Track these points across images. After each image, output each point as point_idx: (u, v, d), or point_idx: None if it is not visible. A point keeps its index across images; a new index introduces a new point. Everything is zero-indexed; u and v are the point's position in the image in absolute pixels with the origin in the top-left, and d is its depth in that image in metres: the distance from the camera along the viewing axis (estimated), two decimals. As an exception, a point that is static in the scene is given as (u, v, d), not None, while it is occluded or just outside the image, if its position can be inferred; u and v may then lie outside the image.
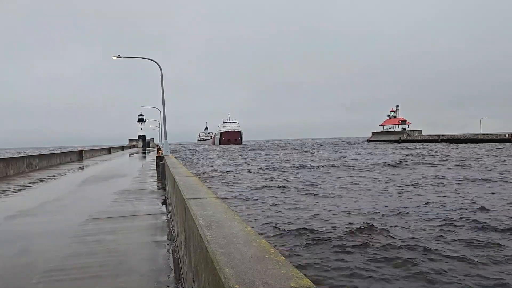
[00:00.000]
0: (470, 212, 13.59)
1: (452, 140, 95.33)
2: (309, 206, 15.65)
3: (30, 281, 4.46)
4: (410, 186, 21.18)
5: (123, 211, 8.70)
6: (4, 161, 18.56)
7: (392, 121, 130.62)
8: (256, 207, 15.70)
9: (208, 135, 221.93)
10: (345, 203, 16.16)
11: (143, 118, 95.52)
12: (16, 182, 15.34)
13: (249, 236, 2.40)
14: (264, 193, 19.66)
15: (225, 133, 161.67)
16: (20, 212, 8.84)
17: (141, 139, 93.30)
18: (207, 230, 2.56)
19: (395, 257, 8.88)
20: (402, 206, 15.05)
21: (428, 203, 15.30)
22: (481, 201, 15.67)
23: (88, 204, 9.71)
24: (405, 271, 8.09)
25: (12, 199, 11.04)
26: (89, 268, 4.88)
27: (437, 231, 11.17)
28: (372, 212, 14.03)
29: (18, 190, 12.94)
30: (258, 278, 1.68)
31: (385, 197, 17.48)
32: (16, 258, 5.34)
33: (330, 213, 13.94)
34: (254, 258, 1.95)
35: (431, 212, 13.80)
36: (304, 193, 19.35)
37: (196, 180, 6.22)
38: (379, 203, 15.84)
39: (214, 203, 3.72)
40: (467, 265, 8.41)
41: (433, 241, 10.18)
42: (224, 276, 1.71)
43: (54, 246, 5.94)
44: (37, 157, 23.65)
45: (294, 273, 1.72)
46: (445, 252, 9.20)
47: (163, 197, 10.71)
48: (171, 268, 4.89)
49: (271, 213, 14.21)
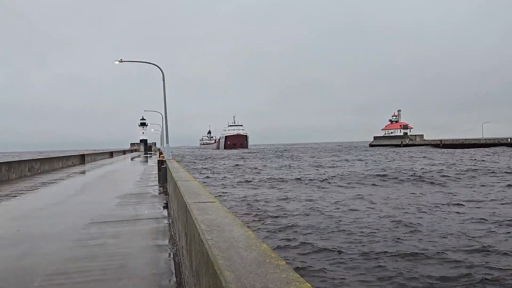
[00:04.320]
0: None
1: (454, 145, 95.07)
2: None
3: (32, 284, 4.47)
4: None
5: (125, 215, 8.72)
6: (6, 165, 18.63)
7: (394, 125, 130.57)
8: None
9: (211, 138, 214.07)
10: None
11: (145, 122, 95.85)
12: (18, 186, 15.38)
13: (250, 240, 2.42)
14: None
15: (230, 136, 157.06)
16: (22, 215, 8.86)
17: (142, 143, 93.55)
18: (208, 234, 2.57)
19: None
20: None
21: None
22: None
23: (90, 208, 9.73)
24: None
25: (14, 202, 11.07)
26: (91, 271, 4.89)
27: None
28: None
29: (20, 193, 12.97)
30: (259, 282, 1.69)
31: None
32: (18, 261, 5.36)
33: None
34: (255, 262, 1.97)
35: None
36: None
37: (197, 184, 6.24)
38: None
39: (215, 207, 3.74)
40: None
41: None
42: (225, 280, 1.73)
43: (56, 249, 5.95)
44: (39, 161, 23.72)
45: (295, 277, 1.74)
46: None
47: (164, 201, 10.72)
48: (172, 272, 4.90)
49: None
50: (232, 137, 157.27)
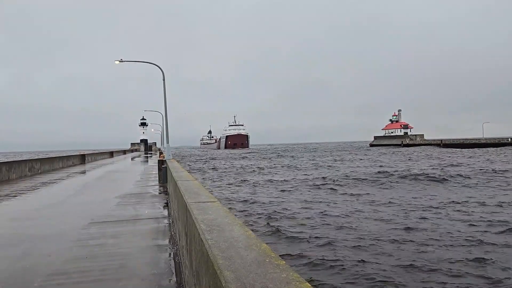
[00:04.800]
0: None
1: (454, 145, 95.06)
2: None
3: (32, 284, 4.47)
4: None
5: (125, 215, 8.72)
6: (6, 165, 18.63)
7: (394, 125, 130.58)
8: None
9: (212, 138, 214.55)
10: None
11: (145, 122, 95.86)
12: (19, 186, 15.38)
13: (250, 240, 2.41)
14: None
15: (230, 136, 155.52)
16: (22, 215, 8.86)
17: (143, 143, 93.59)
18: (208, 234, 2.57)
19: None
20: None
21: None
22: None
23: (90, 208, 9.73)
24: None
25: (15, 202, 11.07)
26: (91, 272, 4.89)
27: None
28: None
29: (20, 193, 12.97)
30: (259, 282, 1.69)
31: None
32: (18, 261, 5.36)
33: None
34: (254, 262, 1.97)
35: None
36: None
37: (197, 184, 6.23)
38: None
39: (215, 207, 3.73)
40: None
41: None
42: (225, 280, 1.72)
43: (56, 249, 5.95)
44: (40, 161, 23.73)
45: (295, 277, 1.73)
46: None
47: (165, 201, 10.72)
48: (172, 272, 4.90)
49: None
50: (233, 137, 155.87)
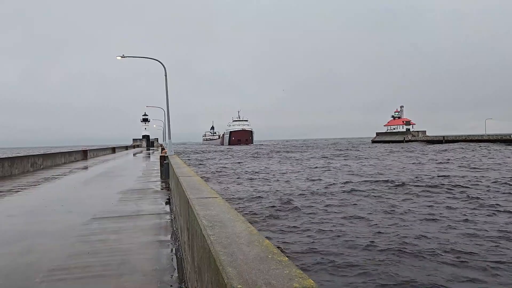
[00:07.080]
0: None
1: (457, 141, 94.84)
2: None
3: (33, 280, 4.48)
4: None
5: (127, 211, 8.72)
6: (9, 160, 18.68)
7: (397, 121, 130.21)
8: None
9: (214, 134, 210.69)
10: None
11: (147, 118, 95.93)
12: (21, 181, 15.42)
13: (252, 236, 2.39)
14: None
15: (235, 132, 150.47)
16: (25, 211, 8.88)
17: (145, 139, 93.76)
18: (210, 230, 2.55)
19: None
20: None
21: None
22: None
23: (92, 204, 9.74)
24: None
25: (17, 198, 11.09)
26: (93, 267, 4.89)
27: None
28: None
29: (22, 189, 13.00)
30: (261, 278, 1.67)
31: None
32: (20, 257, 5.36)
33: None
34: (257, 258, 1.95)
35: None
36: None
37: (199, 180, 6.22)
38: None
39: (217, 203, 3.72)
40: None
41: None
42: (227, 276, 1.70)
43: (58, 245, 5.96)
44: (42, 156, 23.78)
45: (297, 273, 1.71)
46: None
47: (166, 197, 10.72)
48: (174, 268, 4.89)
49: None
50: (237, 132, 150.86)
